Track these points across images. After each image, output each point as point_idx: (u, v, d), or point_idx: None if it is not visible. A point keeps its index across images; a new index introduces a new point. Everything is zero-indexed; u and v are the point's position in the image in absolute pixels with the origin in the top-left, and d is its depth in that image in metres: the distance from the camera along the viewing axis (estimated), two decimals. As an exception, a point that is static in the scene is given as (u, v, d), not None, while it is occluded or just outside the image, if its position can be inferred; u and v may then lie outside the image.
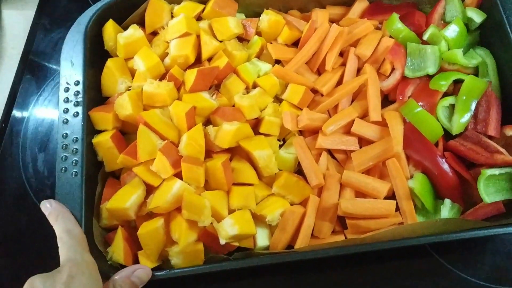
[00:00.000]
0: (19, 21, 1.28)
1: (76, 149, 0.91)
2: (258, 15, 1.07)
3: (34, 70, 1.22)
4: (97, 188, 0.94)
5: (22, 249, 1.03)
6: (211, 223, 0.86)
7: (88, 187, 0.90)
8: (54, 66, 1.22)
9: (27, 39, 1.25)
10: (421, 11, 1.08)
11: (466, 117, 0.93)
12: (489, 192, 0.88)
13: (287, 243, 0.91)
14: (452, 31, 0.99)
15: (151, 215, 0.90)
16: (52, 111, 1.16)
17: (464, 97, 0.94)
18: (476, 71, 1.00)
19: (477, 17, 1.00)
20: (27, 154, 1.11)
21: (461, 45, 1.00)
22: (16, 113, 1.17)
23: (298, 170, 0.97)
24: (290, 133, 0.99)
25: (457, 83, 0.99)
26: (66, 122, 0.93)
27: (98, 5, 1.02)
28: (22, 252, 1.02)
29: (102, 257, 0.87)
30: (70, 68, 0.97)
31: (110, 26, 1.01)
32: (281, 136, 0.99)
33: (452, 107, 0.96)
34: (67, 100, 0.94)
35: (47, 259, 0.99)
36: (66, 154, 0.90)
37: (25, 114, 1.16)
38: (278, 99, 1.02)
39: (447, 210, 0.90)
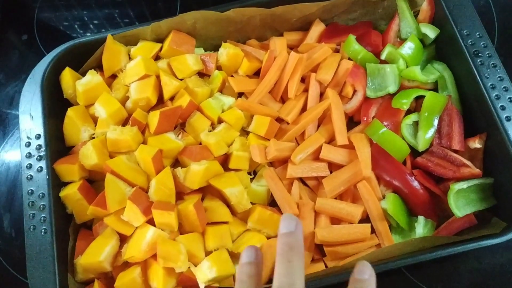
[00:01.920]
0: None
1: (43, 205, 0.89)
2: (217, 47, 1.07)
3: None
4: (69, 242, 0.92)
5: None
6: (189, 267, 0.85)
7: (60, 243, 0.88)
8: (12, 122, 1.18)
9: (-20, 96, 1.21)
10: (377, 30, 1.10)
11: (430, 133, 0.94)
12: (459, 205, 0.89)
13: (267, 277, 0.90)
14: (408, 48, 1.00)
15: (127, 264, 0.89)
16: (14, 168, 1.12)
17: (426, 113, 0.95)
18: (435, 86, 1.02)
19: (431, 32, 1.02)
20: (-9, 216, 1.08)
21: (418, 61, 1.01)
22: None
23: (272, 201, 0.97)
24: (260, 165, 0.98)
25: (419, 99, 1.00)
26: (30, 178, 0.91)
27: (52, 53, 1.00)
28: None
29: (80, 315, 0.86)
30: (30, 121, 0.95)
31: (67, 74, 1.00)
32: (251, 169, 0.98)
33: (416, 124, 0.98)
34: (29, 155, 0.92)
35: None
36: (33, 212, 0.88)
37: (-14, 173, 1.13)
38: (245, 131, 1.02)
39: (421, 227, 0.91)
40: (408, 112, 1.00)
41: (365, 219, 0.94)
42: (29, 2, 1.33)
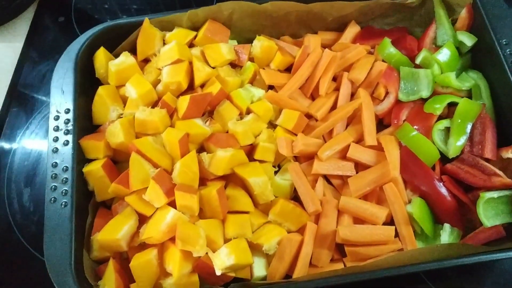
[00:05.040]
0: (7, 54, 1.26)
1: (66, 178, 0.88)
2: (250, 41, 1.07)
3: (21, 103, 1.20)
4: (87, 218, 0.91)
5: (4, 285, 0.99)
6: (206, 253, 0.83)
7: (78, 218, 0.87)
8: (42, 99, 1.20)
9: (14, 71, 1.23)
10: (412, 35, 1.09)
11: (462, 140, 0.92)
12: (488, 215, 0.87)
13: (285, 272, 0.88)
14: (444, 54, 0.99)
15: (143, 246, 0.88)
16: (39, 144, 1.13)
17: (459, 120, 0.93)
18: (469, 94, 1.00)
19: (468, 40, 1.01)
20: (12, 189, 1.08)
21: (453, 68, 1.00)
22: (2, 146, 1.14)
23: (294, 197, 0.95)
24: (285, 159, 0.97)
25: (451, 106, 0.98)
26: (56, 151, 0.91)
27: (89, 32, 1.01)
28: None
29: (92, 291, 0.84)
30: (61, 96, 0.95)
31: (101, 54, 1.00)
32: (276, 162, 0.97)
33: (447, 130, 0.96)
34: (57, 129, 0.92)
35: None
36: (55, 184, 0.88)
37: (11, 147, 1.13)
38: (272, 125, 1.01)
39: (446, 234, 0.88)
40: (439, 118, 0.98)
41: (389, 222, 0.92)
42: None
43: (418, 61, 1.01)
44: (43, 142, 1.12)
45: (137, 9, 1.34)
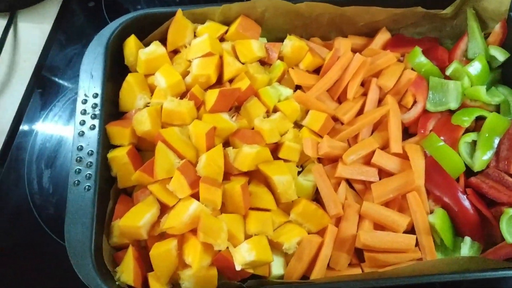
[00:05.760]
0: (35, 35, 1.26)
1: (91, 162, 0.88)
2: (279, 40, 1.07)
3: (46, 85, 1.20)
4: (108, 204, 0.91)
5: (21, 265, 0.99)
6: (227, 247, 0.83)
7: (100, 203, 0.87)
8: (67, 83, 1.20)
9: (41, 53, 1.23)
10: (442, 46, 1.08)
11: (489, 154, 0.92)
12: (511, 231, 0.86)
13: (302, 273, 0.88)
14: (475, 68, 0.99)
15: (163, 236, 0.87)
16: (62, 127, 1.13)
17: (487, 134, 0.93)
18: (497, 109, 1.00)
19: (500, 55, 1.01)
20: (32, 170, 1.08)
21: (483, 82, 1.00)
22: (24, 127, 1.14)
23: (315, 198, 0.95)
24: (308, 160, 0.97)
25: (478, 120, 0.98)
26: (82, 134, 0.91)
27: (121, 19, 1.02)
28: (21, 268, 0.99)
29: (110, 277, 0.84)
30: (90, 80, 0.95)
31: (132, 41, 1.00)
32: (300, 163, 0.97)
33: (473, 143, 0.95)
34: (84, 112, 0.93)
35: (45, 276, 0.96)
36: (80, 167, 0.88)
37: (33, 129, 1.14)
38: (297, 125, 1.00)
39: (467, 248, 0.88)
40: (466, 131, 0.97)
41: (408, 231, 0.91)
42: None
43: (448, 72, 1.01)
44: (66, 125, 1.12)
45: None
